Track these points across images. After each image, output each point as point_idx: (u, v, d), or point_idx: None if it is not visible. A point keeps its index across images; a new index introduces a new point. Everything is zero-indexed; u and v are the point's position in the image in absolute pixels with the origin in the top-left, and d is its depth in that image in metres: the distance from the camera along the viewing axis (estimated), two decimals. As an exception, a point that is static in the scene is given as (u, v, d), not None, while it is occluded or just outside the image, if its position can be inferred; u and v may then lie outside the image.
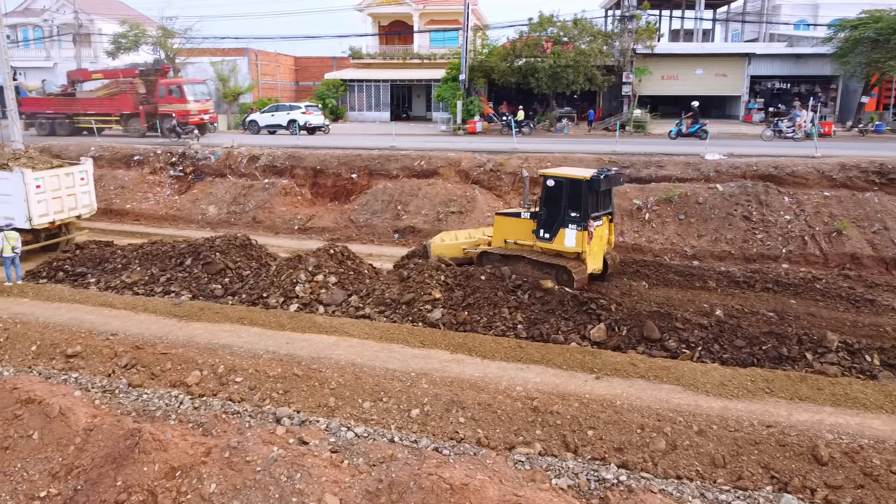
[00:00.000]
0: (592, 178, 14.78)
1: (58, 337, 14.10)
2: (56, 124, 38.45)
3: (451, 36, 49.98)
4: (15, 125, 29.53)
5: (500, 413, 10.66)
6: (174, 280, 16.92)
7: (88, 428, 9.82)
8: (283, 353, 12.79)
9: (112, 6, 60.96)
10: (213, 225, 24.52)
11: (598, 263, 16.02)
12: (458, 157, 25.44)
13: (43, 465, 9.44)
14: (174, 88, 36.05)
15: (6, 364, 13.61)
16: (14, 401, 10.32)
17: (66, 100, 39.22)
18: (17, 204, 18.40)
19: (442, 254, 16.98)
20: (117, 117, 37.12)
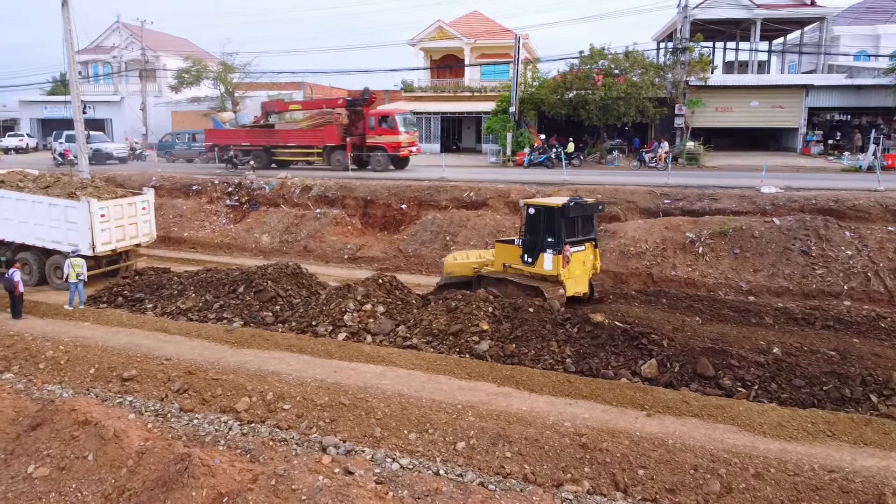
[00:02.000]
0: (563, 205, 15.92)
1: (115, 360, 14.51)
2: (251, 156, 36.06)
3: (502, 69, 50.42)
4: (83, 156, 30.92)
5: (548, 449, 10.46)
6: (227, 307, 17.26)
7: (141, 451, 10.01)
8: (330, 381, 12.87)
9: (176, 43, 63.66)
10: (266, 253, 25.02)
11: (581, 287, 16.87)
12: (507, 189, 25.47)
13: (96, 487, 9.65)
14: (388, 119, 34.09)
15: (66, 385, 14.07)
16: (72, 422, 10.62)
17: (262, 132, 37.31)
18: (82, 232, 19.14)
19: (452, 272, 18.05)
20: (320, 150, 34.85)
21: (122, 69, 59.60)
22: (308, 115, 37.17)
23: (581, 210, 16.38)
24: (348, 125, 34.93)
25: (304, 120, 36.98)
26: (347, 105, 35.12)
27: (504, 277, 16.77)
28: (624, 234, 21.09)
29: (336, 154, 34.45)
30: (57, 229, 19.49)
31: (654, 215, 22.73)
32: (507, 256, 16.98)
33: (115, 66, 60.46)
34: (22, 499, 9.63)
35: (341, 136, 34.38)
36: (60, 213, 19.38)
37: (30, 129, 61.13)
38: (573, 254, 16.10)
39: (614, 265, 20.28)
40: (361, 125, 34.45)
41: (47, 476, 9.91)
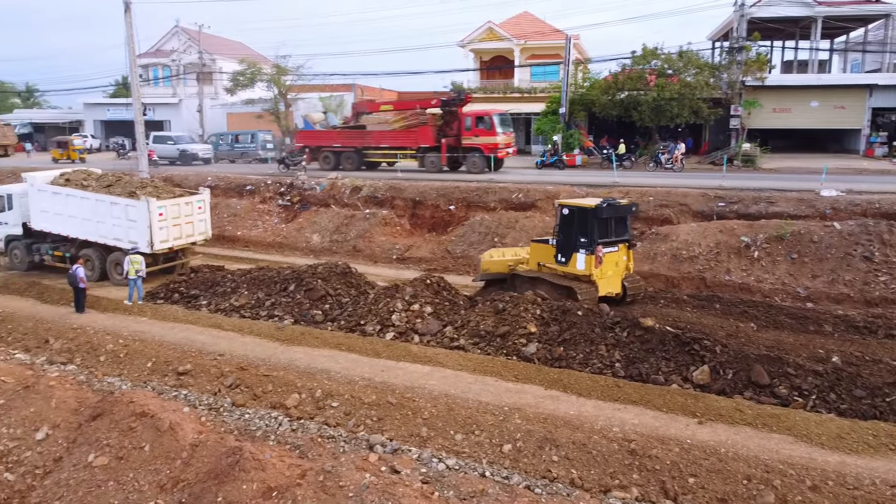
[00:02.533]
0: (596, 206, 16.16)
1: (171, 355, 14.95)
2: (343, 158, 35.93)
3: (552, 70, 50.05)
4: (143, 156, 31.97)
5: (596, 454, 10.33)
6: (278, 305, 17.60)
7: (194, 443, 10.28)
8: (378, 380, 12.98)
9: (232, 46, 65.17)
10: (316, 252, 25.40)
11: (613, 287, 16.94)
12: (556, 190, 25.26)
13: (152, 477, 9.94)
14: (484, 119, 32.82)
15: (124, 378, 14.57)
16: (130, 413, 10.97)
17: (354, 132, 36.76)
18: (141, 230, 19.76)
19: (488, 268, 18.41)
20: (413, 151, 34.07)
21: (181, 72, 61.31)
22: (401, 115, 36.11)
23: (614, 211, 16.55)
24: (441, 126, 33.95)
25: (397, 121, 35.96)
26: (442, 105, 34.05)
27: (537, 276, 17.05)
28: (676, 237, 20.68)
29: (430, 156, 33.65)
30: (118, 227, 20.17)
31: (707, 218, 22.23)
32: (541, 256, 17.24)
33: (174, 69, 62.23)
34: (82, 486, 10.00)
35: (436, 138, 33.50)
36: (121, 211, 20.05)
37: (93, 130, 63.41)
38: (606, 254, 16.31)
39: (666, 269, 19.92)
40: (456, 126, 33.36)
41: (106, 465, 10.26)
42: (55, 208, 21.10)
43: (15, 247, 22.47)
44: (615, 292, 16.99)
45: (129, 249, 19.27)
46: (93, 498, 9.78)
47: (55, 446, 10.96)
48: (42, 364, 15.37)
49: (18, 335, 17.14)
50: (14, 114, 70.33)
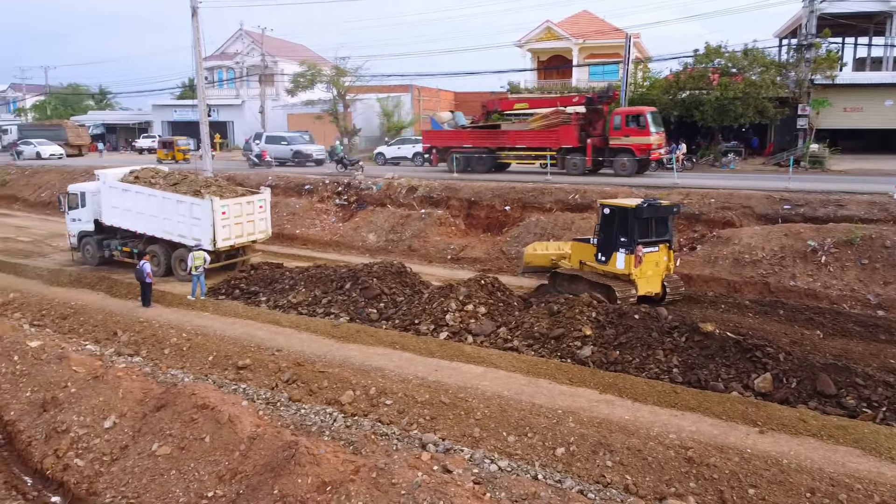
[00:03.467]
0: (637, 206, 16.34)
1: (231, 349, 15.37)
2: (473, 159, 33.59)
3: (611, 69, 49.31)
4: (207, 157, 32.95)
5: (651, 460, 10.14)
6: (334, 302, 17.87)
7: (252, 437, 10.54)
8: (431, 379, 13.04)
9: (293, 49, 66.54)
10: (372, 251, 25.68)
11: (653, 287, 17.03)
12: (613, 192, 24.88)
13: (212, 468, 10.24)
14: (638, 118, 30.20)
15: (187, 371, 15.05)
16: (192, 405, 11.33)
17: (487, 133, 34.39)
18: (205, 227, 20.37)
19: (531, 262, 19.08)
20: (553, 152, 31.57)
21: (244, 74, 62.93)
22: (541, 114, 33.31)
23: (655, 211, 16.65)
24: (583, 125, 31.56)
25: (535, 120, 33.36)
26: (586, 103, 31.71)
27: (577, 274, 17.45)
28: (738, 240, 20.10)
29: (573, 157, 31.33)
30: (182, 224, 20.83)
31: (772, 221, 21.52)
32: (582, 254, 17.55)
33: (238, 71, 63.94)
34: (146, 474, 10.39)
35: (580, 138, 31.06)
36: (186, 209, 20.70)
37: (161, 131, 65.69)
38: (646, 254, 16.44)
39: (727, 273, 19.38)
40: (600, 125, 31.12)
41: (169, 454, 10.63)
42: (125, 205, 21.95)
43: (87, 242, 23.47)
44: (654, 292, 17.07)
45: (193, 246, 19.90)
46: (156, 486, 10.15)
47: (121, 435, 11.41)
48: (110, 355, 16.03)
49: (89, 327, 17.92)
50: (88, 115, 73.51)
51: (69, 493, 10.62)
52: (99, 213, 22.75)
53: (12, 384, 13.46)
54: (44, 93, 78.29)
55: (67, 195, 23.80)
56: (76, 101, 79.40)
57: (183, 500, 9.84)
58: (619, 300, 15.97)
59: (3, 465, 11.52)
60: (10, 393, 13.23)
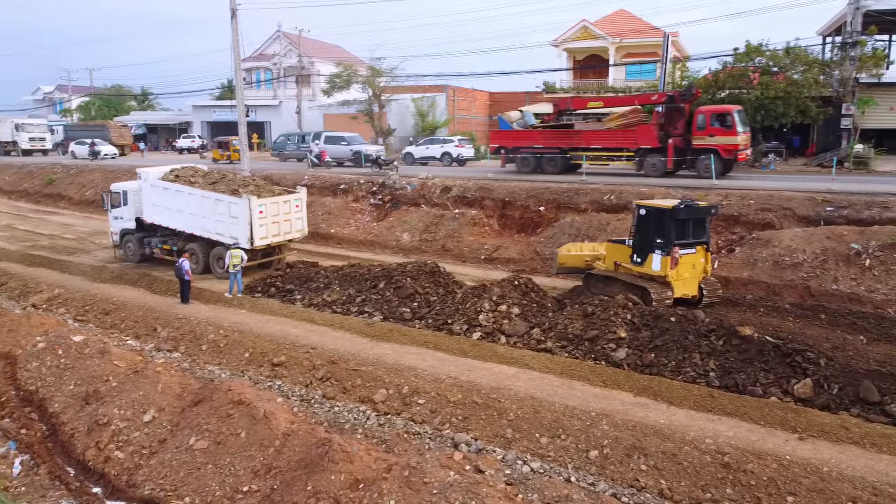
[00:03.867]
0: (674, 207, 16.06)
1: (266, 346, 15.58)
2: (544, 160, 32.42)
3: (649, 68, 48.73)
4: (245, 157, 33.45)
5: (686, 465, 9.99)
6: (368, 301, 17.99)
7: (287, 433, 10.68)
8: (464, 379, 13.04)
9: (330, 50, 67.19)
10: (406, 251, 25.78)
11: (690, 290, 16.74)
12: (650, 193, 24.58)
13: (247, 463, 10.40)
14: (724, 117, 28.66)
15: (224, 367, 15.30)
16: (228, 401, 11.52)
17: (559, 133, 33.03)
18: (242, 226, 20.68)
19: (565, 262, 18.91)
20: (631, 153, 30.20)
21: (281, 75, 63.75)
22: (618, 113, 31.86)
23: (692, 213, 16.39)
24: (663, 125, 30.03)
25: (613, 119, 32.00)
26: (667, 101, 30.17)
27: (611, 276, 17.25)
28: (779, 242, 19.68)
29: (652, 158, 29.72)
30: (220, 223, 21.18)
31: (813, 223, 21.02)
32: (617, 255, 17.34)
33: (275, 72, 64.80)
34: (184, 468, 10.59)
35: (660, 138, 29.52)
36: (224, 208, 21.05)
37: (200, 131, 66.91)
38: (682, 256, 16.21)
39: (766, 276, 18.99)
40: (681, 124, 29.51)
41: (205, 449, 10.82)
42: (165, 203, 22.41)
43: (128, 240, 24.03)
44: (691, 294, 16.80)
45: (230, 244, 20.22)
46: (193, 479, 10.34)
47: (160, 428, 11.65)
48: (150, 351, 16.40)
49: (130, 323, 18.35)
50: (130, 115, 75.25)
51: (110, 484, 10.88)
52: (140, 212, 23.27)
53: (56, 377, 13.85)
54: (89, 94, 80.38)
55: (110, 194, 24.41)
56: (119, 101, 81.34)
57: (219, 493, 10.01)
58: (655, 302, 15.74)
59: (47, 455, 11.84)
60: (54, 386, 13.61)
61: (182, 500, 10.01)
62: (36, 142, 55.94)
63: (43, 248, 26.82)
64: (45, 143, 56.69)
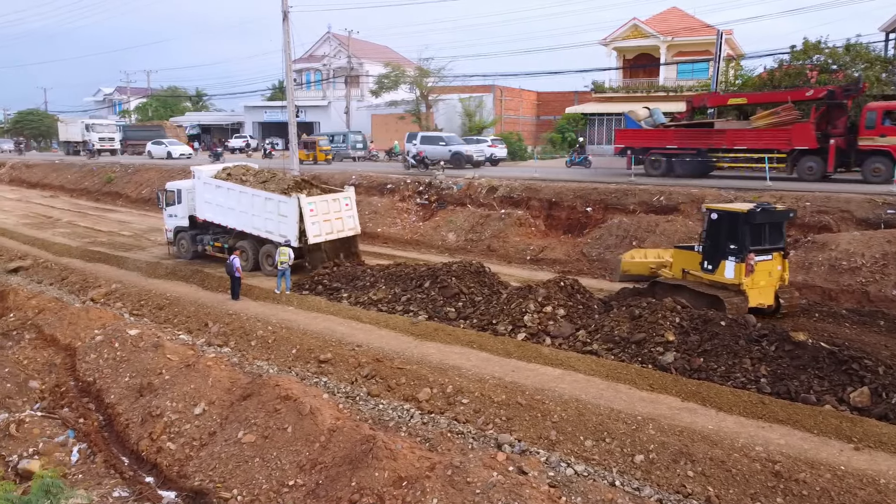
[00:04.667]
0: (749, 211, 15.19)
1: (313, 343, 15.82)
2: (677, 162, 29.90)
3: (701, 67, 47.82)
4: (294, 156, 34.02)
5: (735, 473, 9.76)
6: (413, 300, 18.09)
7: (332, 429, 10.82)
8: (508, 380, 13.01)
9: (378, 50, 67.82)
10: (451, 251, 25.84)
11: (766, 299, 15.84)
12: (700, 194, 24.09)
13: (293, 457, 10.58)
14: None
15: (272, 362, 15.60)
16: (276, 396, 11.74)
17: (696, 132, 30.01)
18: (291, 224, 21.02)
19: (629, 270, 18.20)
20: (783, 154, 27.20)
21: (330, 76, 64.66)
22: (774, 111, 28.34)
23: (768, 217, 15.60)
24: (820, 123, 27.10)
25: (762, 117, 28.80)
26: (827, 96, 26.89)
27: (680, 284, 16.42)
28: (836, 246, 19.04)
29: (807, 160, 26.67)
30: (270, 221, 21.58)
31: (873, 226, 20.27)
32: (685, 263, 16.64)
33: (325, 73, 65.74)
34: (232, 460, 10.84)
35: (817, 138, 26.46)
36: (274, 206, 21.43)
37: (251, 131, 68.32)
38: (758, 263, 15.29)
39: (822, 280, 18.40)
40: (842, 123, 26.56)
41: (253, 442, 11.05)
42: (217, 200, 22.96)
43: (182, 237, 24.70)
44: (767, 304, 15.87)
45: (279, 242, 20.59)
46: (241, 472, 10.57)
47: (210, 421, 11.94)
48: (202, 345, 16.83)
49: (183, 318, 18.86)
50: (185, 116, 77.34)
51: (161, 474, 11.20)
52: (193, 210, 23.88)
53: (113, 369, 14.33)
54: (146, 95, 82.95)
55: (165, 192, 25.12)
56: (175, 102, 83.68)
57: (265, 486, 10.21)
58: (729, 313, 14.84)
59: (103, 444, 12.26)
60: (111, 377, 14.10)
61: (230, 492, 10.24)
62: (105, 142, 57.65)
63: (102, 245, 27.79)
64: (115, 143, 58.41)
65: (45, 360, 15.47)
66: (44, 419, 12.42)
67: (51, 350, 15.81)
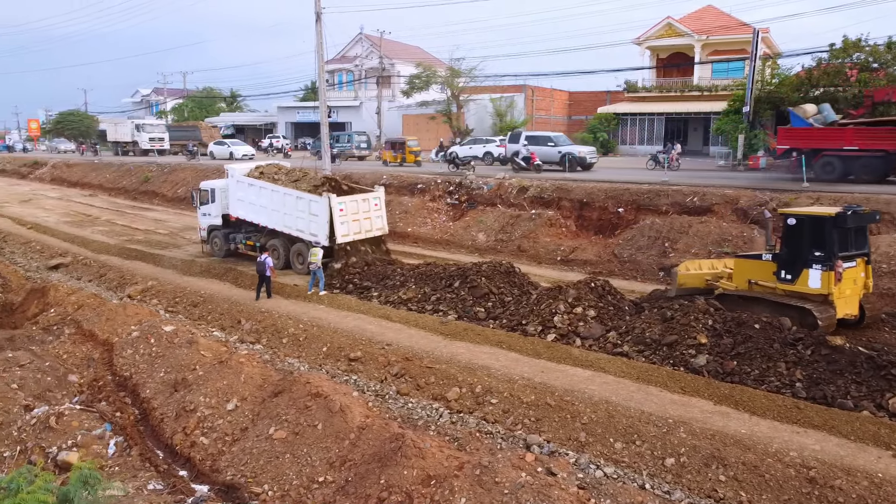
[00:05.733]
0: (838, 215, 14.14)
1: (343, 341, 15.95)
2: (857, 165, 26.30)
3: (736, 66, 47.07)
4: (326, 156, 34.31)
5: (769, 478, 9.60)
6: (443, 300, 18.12)
7: (361, 426, 10.90)
8: (537, 381, 12.97)
9: (410, 51, 68.04)
10: (481, 251, 25.83)
11: (851, 308, 14.79)
12: (735, 195, 23.73)
13: (323, 454, 10.68)
14: None
15: (302, 360, 15.77)
16: (306, 393, 11.86)
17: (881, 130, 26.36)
18: (321, 223, 21.20)
19: (685, 282, 16.85)
20: None
21: (362, 76, 65.08)
22: None
23: (858, 220, 14.48)
24: None
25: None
26: None
27: (755, 296, 15.20)
28: (875, 248, 18.59)
29: None
30: (301, 220, 21.80)
31: None
32: (752, 272, 15.48)
33: (357, 73, 66.18)
34: (263, 456, 10.98)
35: None
36: (305, 205, 21.64)
37: (284, 131, 69.06)
38: (845, 270, 14.13)
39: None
40: None
41: (284, 438, 11.18)
42: (249, 198, 23.28)
43: (215, 236, 25.09)
44: (852, 314, 14.87)
45: (310, 241, 20.78)
46: (272, 467, 10.71)
47: (242, 417, 12.12)
48: (234, 342, 17.07)
49: (216, 315, 19.16)
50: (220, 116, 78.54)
51: (195, 468, 11.40)
52: (227, 208, 24.25)
53: (149, 364, 14.63)
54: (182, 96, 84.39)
55: (199, 191, 25.54)
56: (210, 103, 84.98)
57: (296, 482, 10.32)
58: (820, 325, 13.83)
59: (139, 438, 12.52)
60: (146, 373, 14.38)
61: (261, 487, 10.38)
62: (155, 141, 58.54)
63: (138, 242, 28.37)
64: (164, 143, 59.16)
65: (83, 354, 15.85)
66: (82, 412, 12.71)
67: (89, 345, 16.20)
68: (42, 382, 13.84)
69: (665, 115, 48.28)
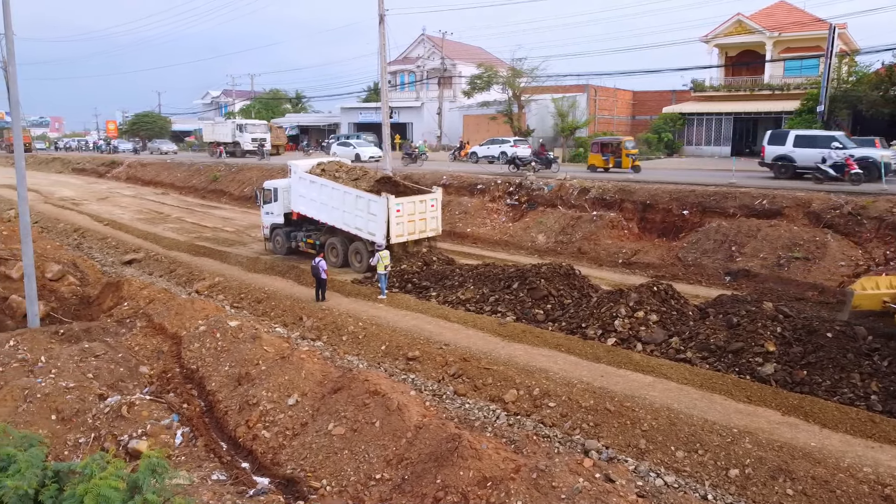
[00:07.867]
0: None
1: (402, 340, 16.07)
2: None
3: (811, 64, 45.22)
4: (387, 156, 34.66)
5: (840, 494, 9.19)
6: (501, 301, 18.04)
7: (418, 426, 10.95)
8: (596, 385, 12.77)
9: (471, 51, 68.03)
10: (541, 252, 25.61)
11: None
12: (807, 197, 22.81)
13: (380, 452, 10.78)
14: None
15: (362, 358, 15.97)
16: (365, 390, 12.00)
17: None
18: (380, 223, 21.40)
19: (861, 304, 14.29)
20: None
21: (424, 77, 65.39)
22: None
23: None
24: None
25: None
26: None
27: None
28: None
29: None
30: (360, 218, 22.03)
31: None
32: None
33: (418, 74, 66.56)
34: (322, 451, 11.16)
35: None
36: (364, 204, 21.86)
37: (347, 132, 69.99)
38: None
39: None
40: None
41: (343, 435, 11.33)
42: (310, 195, 23.70)
43: (277, 234, 25.67)
44: None
45: (367, 241, 20.97)
46: (330, 463, 10.87)
47: (302, 412, 12.35)
48: (296, 338, 17.42)
49: (279, 311, 19.60)
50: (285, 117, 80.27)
51: (256, 460, 11.67)
52: (288, 207, 24.76)
53: (214, 358, 15.07)
54: (250, 97, 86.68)
55: (262, 191, 26.17)
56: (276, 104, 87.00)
57: (353, 479, 10.45)
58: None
59: (204, 429, 12.90)
60: (212, 366, 14.82)
61: (320, 482, 10.55)
62: (257, 142, 57.32)
63: (206, 240, 29.30)
64: (266, 144, 57.63)
65: (153, 346, 16.45)
66: (151, 402, 13.18)
67: (159, 338, 16.80)
68: (115, 373, 14.42)
69: (734, 115, 46.78)
